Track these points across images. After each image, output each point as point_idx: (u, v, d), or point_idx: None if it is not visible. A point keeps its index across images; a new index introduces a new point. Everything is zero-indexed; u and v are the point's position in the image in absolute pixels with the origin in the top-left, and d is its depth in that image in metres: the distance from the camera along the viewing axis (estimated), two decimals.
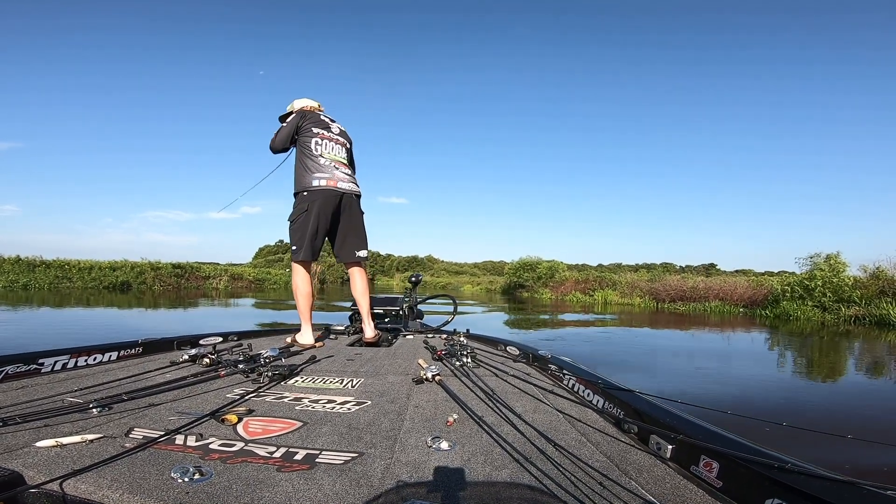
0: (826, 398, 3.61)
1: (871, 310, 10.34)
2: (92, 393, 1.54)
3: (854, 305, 10.91)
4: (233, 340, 2.75)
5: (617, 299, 17.99)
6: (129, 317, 8.48)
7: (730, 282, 15.87)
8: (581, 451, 1.12)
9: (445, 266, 65.57)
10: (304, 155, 2.77)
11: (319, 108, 3.03)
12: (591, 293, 19.58)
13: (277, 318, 8.80)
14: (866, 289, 11.33)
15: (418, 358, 2.29)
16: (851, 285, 11.49)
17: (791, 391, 3.75)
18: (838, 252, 12.65)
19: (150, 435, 1.14)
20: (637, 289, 17.90)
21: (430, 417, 1.38)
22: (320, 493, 0.87)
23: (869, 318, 10.15)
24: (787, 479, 0.84)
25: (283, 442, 1.14)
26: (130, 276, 19.41)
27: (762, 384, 3.94)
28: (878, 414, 3.09)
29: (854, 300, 11.06)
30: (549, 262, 25.14)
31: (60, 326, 6.55)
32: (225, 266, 26.65)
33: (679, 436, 1.10)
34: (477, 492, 0.90)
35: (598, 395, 1.61)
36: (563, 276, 22.96)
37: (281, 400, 1.54)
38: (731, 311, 13.73)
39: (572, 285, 21.32)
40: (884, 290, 10.89)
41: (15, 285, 16.14)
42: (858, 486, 0.78)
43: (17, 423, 1.17)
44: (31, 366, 1.82)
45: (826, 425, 2.40)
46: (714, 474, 0.98)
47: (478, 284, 37.69)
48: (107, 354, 2.14)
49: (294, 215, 2.73)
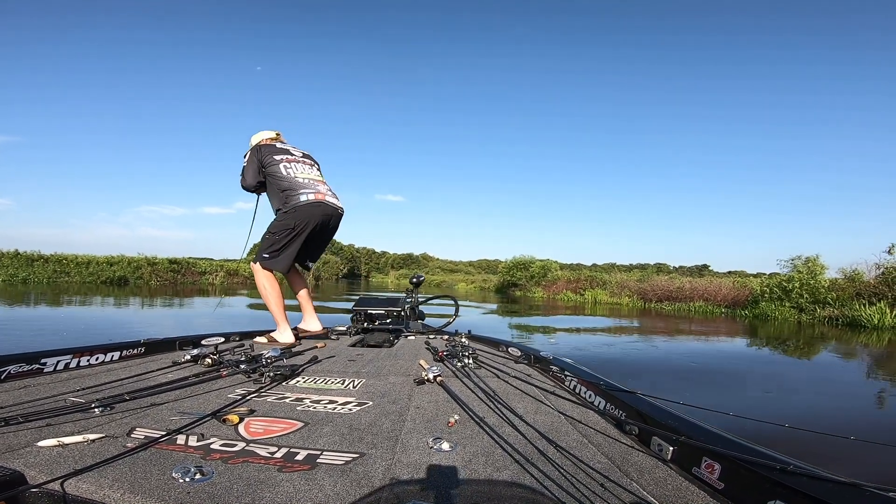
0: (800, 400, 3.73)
1: (844, 311, 10.81)
2: (94, 393, 1.55)
3: (829, 307, 11.39)
4: (235, 340, 2.78)
5: (606, 299, 18.43)
6: (138, 315, 8.74)
7: (714, 283, 16.35)
8: (582, 453, 1.12)
9: (440, 264, 65.92)
10: (277, 181, 2.80)
11: (278, 136, 3.08)
12: (582, 293, 20.01)
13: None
14: (843, 291, 11.81)
15: (420, 359, 2.31)
16: (827, 287, 11.97)
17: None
18: (817, 255, 13.17)
19: (151, 435, 1.16)
20: (626, 289, 18.36)
21: (431, 418, 1.39)
22: (321, 494, 0.88)
23: (842, 319, 10.63)
24: (788, 481, 0.84)
25: (285, 442, 1.15)
26: (127, 272, 19.61)
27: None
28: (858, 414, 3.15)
29: (829, 302, 11.54)
30: (542, 261, 25.59)
31: (65, 325, 6.82)
32: (220, 262, 26.80)
33: (680, 437, 1.11)
34: (478, 492, 0.91)
35: (600, 397, 1.62)
36: (556, 276, 23.41)
37: (282, 400, 1.55)
38: (714, 311, 14.20)
39: (564, 285, 21.75)
40: (860, 293, 11.35)
41: (14, 279, 16.36)
42: (861, 487, 0.78)
43: (18, 423, 1.19)
44: (34, 365, 1.84)
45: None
46: (716, 476, 0.98)
47: (472, 283, 38.09)
48: (109, 354, 2.16)
49: (277, 229, 2.77)
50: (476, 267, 64.18)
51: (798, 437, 1.25)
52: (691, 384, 3.94)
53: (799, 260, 13.41)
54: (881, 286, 10.95)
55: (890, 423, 2.98)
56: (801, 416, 3.02)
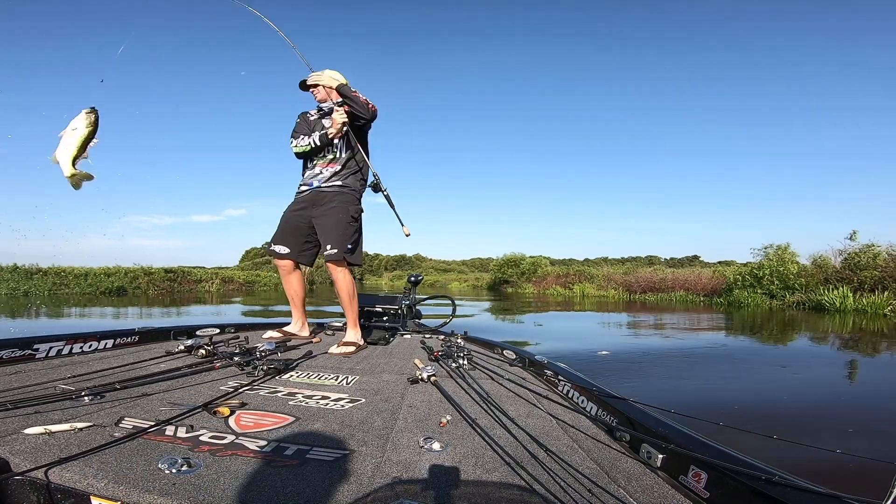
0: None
1: (810, 296, 11.55)
2: (85, 380, 1.54)
3: (797, 292, 12.14)
4: (230, 332, 2.75)
5: (594, 292, 19.15)
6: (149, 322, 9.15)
7: (694, 273, 17.13)
8: (572, 457, 1.13)
9: (434, 264, 66.37)
10: (368, 153, 2.67)
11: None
12: (571, 287, 20.71)
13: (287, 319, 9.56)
14: (812, 277, 12.56)
15: (415, 358, 2.31)
16: (796, 274, 12.71)
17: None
18: (788, 243, 13.95)
19: (140, 425, 1.15)
20: (612, 282, 19.10)
21: (423, 418, 1.39)
22: (309, 489, 0.88)
23: (808, 303, 11.37)
24: (773, 492, 0.85)
25: (275, 436, 1.15)
26: (125, 282, 19.93)
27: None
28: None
29: (796, 288, 12.29)
30: (533, 258, 26.33)
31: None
32: (212, 269, 27.16)
33: (670, 445, 1.11)
34: (467, 493, 0.91)
35: (593, 402, 1.62)
36: (545, 272, 24.12)
37: (275, 394, 1.55)
38: (693, 300, 14.93)
39: (553, 280, 22.46)
40: (828, 279, 12.09)
41: (16, 292, 16.66)
42: (843, 500, 0.79)
43: (7, 409, 1.18)
44: (26, 351, 1.82)
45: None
46: (702, 485, 0.99)
47: (465, 282, 38.77)
48: (102, 342, 2.14)
49: (359, 215, 2.64)
50: (469, 266, 64.73)
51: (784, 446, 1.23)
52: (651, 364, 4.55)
53: (771, 248, 14.18)
54: (845, 271, 11.70)
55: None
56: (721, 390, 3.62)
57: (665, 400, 1.79)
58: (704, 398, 3.23)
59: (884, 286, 10.48)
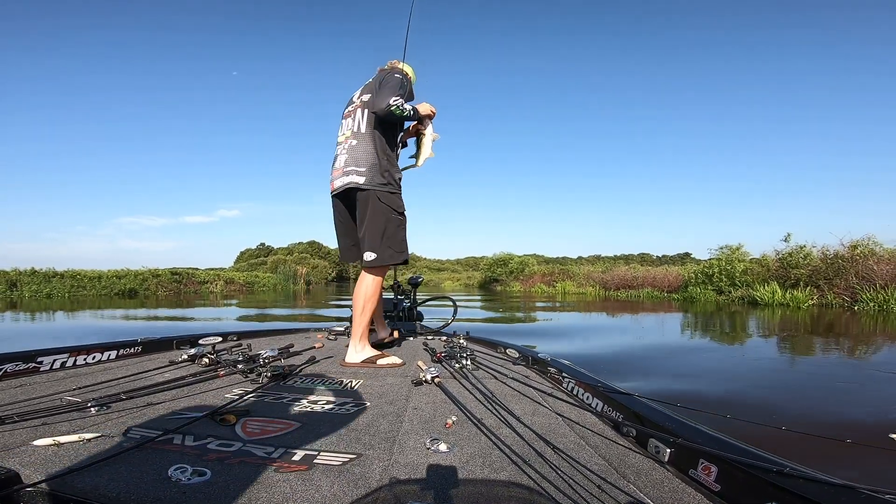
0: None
1: (749, 292, 13.28)
2: (90, 392, 1.55)
3: (740, 288, 13.88)
4: (232, 340, 2.79)
5: (574, 289, 20.89)
6: (178, 323, 10.36)
7: (661, 271, 18.90)
8: (579, 454, 1.13)
9: (428, 263, 67.57)
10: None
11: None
12: (554, 285, 22.46)
13: (300, 319, 10.90)
14: (757, 275, 14.21)
15: (418, 360, 2.31)
16: (742, 272, 14.43)
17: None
18: (741, 244, 15.66)
19: (147, 434, 1.16)
20: (590, 279, 20.86)
21: (428, 419, 1.39)
22: (318, 494, 0.88)
23: (748, 298, 13.10)
24: (785, 483, 0.85)
25: (281, 442, 1.16)
26: (135, 284, 21.30)
27: None
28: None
29: (740, 284, 14.02)
30: (521, 257, 28.16)
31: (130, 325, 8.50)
32: (216, 271, 28.52)
33: (678, 439, 1.11)
34: (475, 493, 0.91)
35: (598, 398, 1.62)
36: (532, 271, 25.93)
37: (279, 400, 1.55)
38: (658, 295, 16.66)
39: (539, 278, 24.24)
40: (768, 277, 13.70)
41: (39, 294, 18.08)
42: (856, 490, 0.79)
43: (14, 422, 1.19)
44: (30, 364, 1.83)
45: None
46: (712, 478, 0.98)
47: (457, 280, 40.39)
48: (106, 353, 2.15)
49: (402, 209, 2.34)
50: (462, 265, 65.96)
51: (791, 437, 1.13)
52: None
53: (726, 249, 15.91)
54: (780, 269, 13.44)
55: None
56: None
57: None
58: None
59: (815, 283, 12.12)
